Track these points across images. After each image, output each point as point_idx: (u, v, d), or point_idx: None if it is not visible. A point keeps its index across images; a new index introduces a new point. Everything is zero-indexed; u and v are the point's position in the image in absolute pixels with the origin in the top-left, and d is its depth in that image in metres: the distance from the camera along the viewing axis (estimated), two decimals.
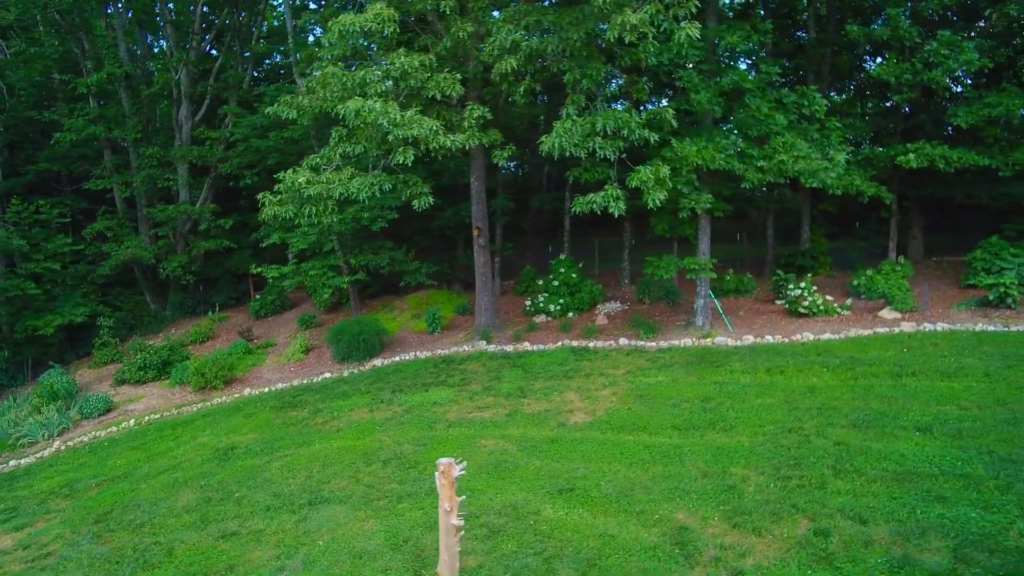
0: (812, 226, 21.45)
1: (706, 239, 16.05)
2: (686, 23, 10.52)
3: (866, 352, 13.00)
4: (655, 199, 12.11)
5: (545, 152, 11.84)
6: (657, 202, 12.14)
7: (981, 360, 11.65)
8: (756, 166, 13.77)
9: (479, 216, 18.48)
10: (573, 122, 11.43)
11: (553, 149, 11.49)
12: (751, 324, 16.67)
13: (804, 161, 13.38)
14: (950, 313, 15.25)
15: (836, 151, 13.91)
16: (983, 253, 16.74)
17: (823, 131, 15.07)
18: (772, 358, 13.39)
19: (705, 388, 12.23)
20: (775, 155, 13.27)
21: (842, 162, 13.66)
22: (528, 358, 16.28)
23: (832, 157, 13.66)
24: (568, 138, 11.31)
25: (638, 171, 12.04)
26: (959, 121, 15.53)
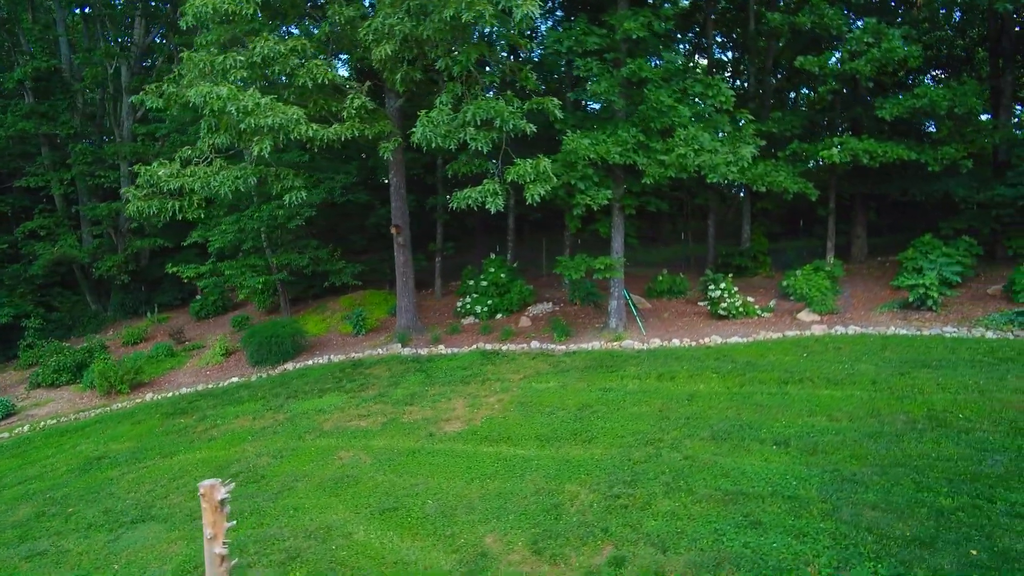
0: (753, 225, 20.73)
1: (619, 237, 15.37)
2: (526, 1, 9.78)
3: (765, 357, 12.31)
4: (535, 194, 11.43)
5: (415, 143, 11.17)
6: (536, 198, 11.46)
7: (875, 367, 10.94)
8: (658, 160, 13.08)
9: (398, 214, 17.84)
10: (439, 112, 10.74)
11: (422, 141, 10.81)
12: (670, 326, 16.00)
13: (707, 155, 12.68)
14: (870, 316, 14.54)
15: (743, 145, 13.20)
16: (914, 252, 16.01)
17: (735, 124, 14.37)
18: (669, 363, 12.71)
19: (589, 395, 11.56)
20: (676, 149, 12.57)
21: (747, 157, 12.95)
22: (436, 362, 15.65)
23: (738, 151, 12.95)
24: (434, 129, 10.63)
25: (516, 164, 11.35)
26: (884, 114, 14.79)
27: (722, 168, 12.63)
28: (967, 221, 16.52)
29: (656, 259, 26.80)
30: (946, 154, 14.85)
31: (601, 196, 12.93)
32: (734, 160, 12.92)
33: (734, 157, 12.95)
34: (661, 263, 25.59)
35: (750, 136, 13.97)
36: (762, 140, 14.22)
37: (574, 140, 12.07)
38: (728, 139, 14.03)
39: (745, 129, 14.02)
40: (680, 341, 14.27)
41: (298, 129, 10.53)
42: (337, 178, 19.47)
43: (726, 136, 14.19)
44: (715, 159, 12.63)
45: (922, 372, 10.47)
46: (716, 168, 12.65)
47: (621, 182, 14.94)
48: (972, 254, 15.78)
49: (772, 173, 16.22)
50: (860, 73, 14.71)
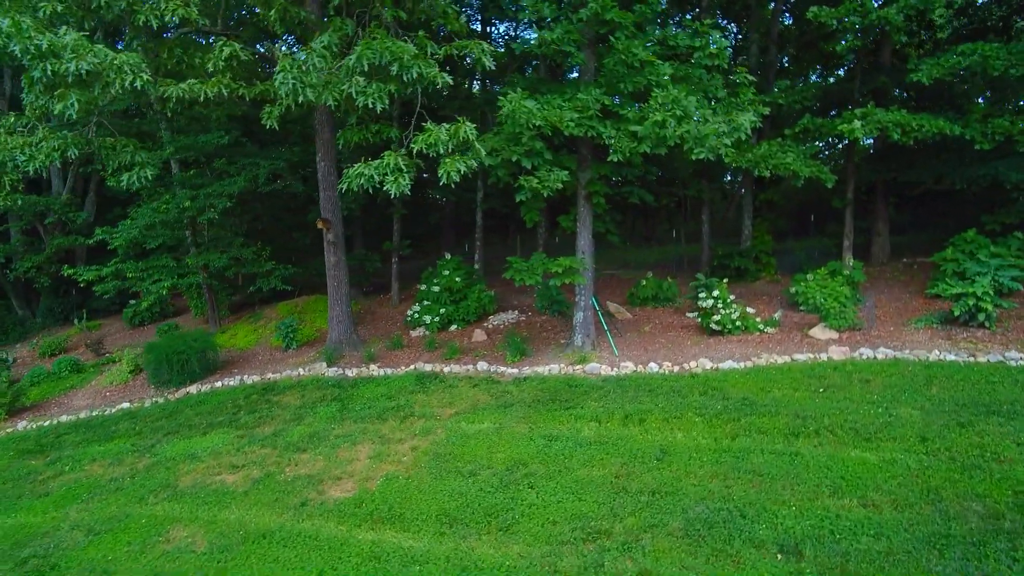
0: (755, 220, 17.60)
1: (586, 233, 12.30)
2: None
3: (767, 391, 9.23)
4: (451, 172, 8.42)
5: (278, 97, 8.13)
6: (455, 176, 8.46)
7: (922, 411, 7.85)
8: (629, 132, 10.02)
9: (328, 205, 14.83)
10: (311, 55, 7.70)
11: (286, 95, 7.80)
12: (651, 344, 12.92)
13: (692, 124, 9.61)
14: (903, 334, 11.41)
15: (740, 112, 10.12)
16: (955, 253, 12.87)
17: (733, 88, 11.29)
18: (641, 397, 9.65)
19: (528, 446, 8.52)
20: (651, 115, 9.52)
21: (746, 126, 9.88)
22: (361, 388, 12.65)
23: (734, 119, 9.88)
24: (302, 77, 7.59)
25: (428, 131, 8.32)
26: (921, 76, 11.66)
27: (711, 140, 9.56)
28: (1020, 213, 13.37)
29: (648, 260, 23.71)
30: (999, 127, 11.69)
31: (554, 179, 9.89)
32: (728, 131, 9.84)
33: (727, 127, 9.87)
34: (652, 264, 22.49)
35: (749, 102, 10.88)
36: (764, 108, 11.13)
37: (514, 102, 9.05)
38: (722, 106, 10.94)
39: (743, 93, 10.92)
40: (659, 365, 11.19)
41: (121, 77, 7.54)
42: (262, 164, 16.51)
43: (720, 103, 11.10)
44: (703, 129, 9.55)
45: (990, 422, 7.37)
46: (704, 140, 9.58)
47: (588, 163, 11.88)
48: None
49: (778, 154, 13.13)
50: (890, 24, 11.58)
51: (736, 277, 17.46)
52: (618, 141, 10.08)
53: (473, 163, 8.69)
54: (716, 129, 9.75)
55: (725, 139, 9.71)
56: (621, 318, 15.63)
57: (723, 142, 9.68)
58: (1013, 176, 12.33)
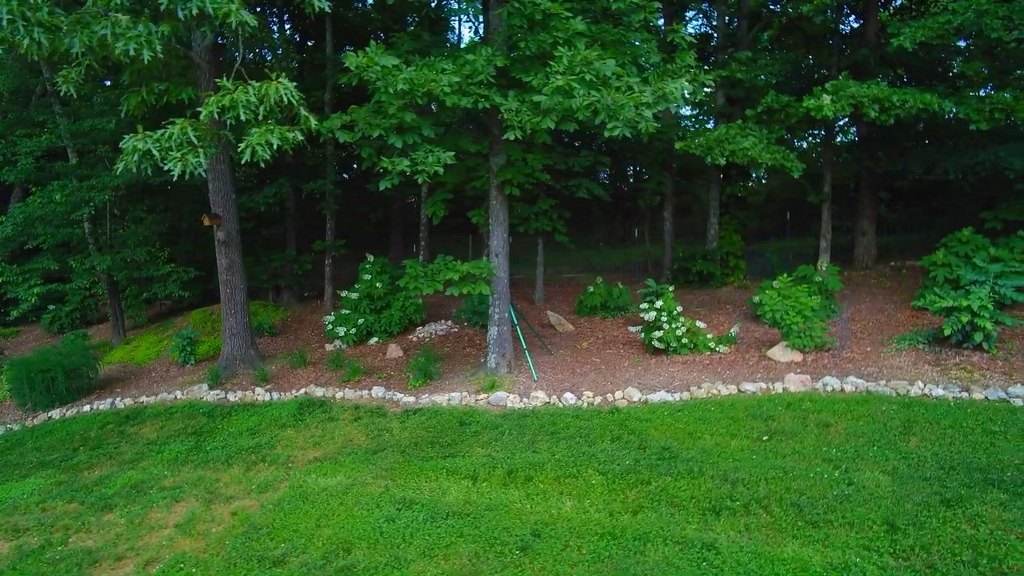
0: (722, 218, 15.44)
1: (500, 232, 10.13)
2: None
3: (697, 438, 7.10)
4: (259, 147, 6.25)
5: None
6: (264, 154, 6.31)
7: (893, 478, 5.72)
8: (532, 103, 7.87)
9: (218, 199, 12.72)
10: None
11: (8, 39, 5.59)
12: (581, 365, 10.78)
13: (609, 93, 7.46)
14: (881, 356, 9.25)
15: (670, 80, 7.97)
16: (947, 256, 10.71)
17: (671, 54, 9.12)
18: (539, 442, 7.51)
19: (369, 517, 6.38)
20: (553, 80, 7.38)
21: (676, 95, 7.74)
22: (232, 419, 10.53)
23: (660, 88, 7.74)
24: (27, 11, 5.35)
25: (224, 90, 6.10)
26: (903, 41, 9.50)
27: (627, 112, 7.40)
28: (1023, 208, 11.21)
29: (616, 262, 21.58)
30: (1000, 102, 9.54)
31: (432, 162, 7.68)
32: (652, 102, 7.68)
33: (653, 98, 7.71)
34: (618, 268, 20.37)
35: (687, 68, 8.71)
36: (707, 76, 8.96)
37: (366, 58, 6.86)
38: (655, 74, 8.78)
39: (680, 58, 8.76)
40: (578, 395, 9.04)
41: None
42: None
43: (655, 70, 8.94)
44: (618, 98, 7.40)
45: (988, 500, 5.23)
46: (618, 112, 7.42)
47: (499, 144, 9.70)
48: None
49: (736, 139, 11.00)
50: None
51: (700, 283, 15.34)
52: (516, 115, 7.92)
53: (296, 136, 6.55)
54: (636, 98, 7.58)
55: (646, 111, 7.54)
56: (562, 331, 13.50)
57: (643, 114, 7.51)
58: (1017, 163, 10.17)
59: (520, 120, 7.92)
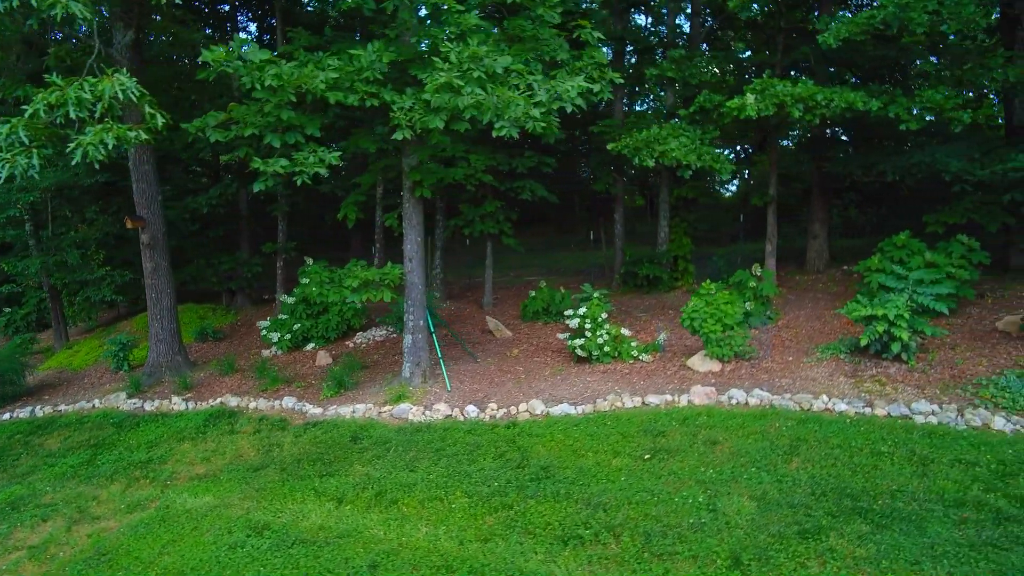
0: (672, 220, 15.02)
1: (414, 235, 9.73)
2: None
3: (580, 456, 6.73)
4: (91, 148, 5.86)
5: None
6: (96, 154, 5.92)
7: (759, 504, 5.34)
8: (423, 101, 7.44)
9: (143, 200, 12.37)
10: None
11: None
12: (503, 374, 10.40)
13: (488, 90, 7.04)
14: (800, 367, 8.85)
15: (569, 77, 7.57)
16: (882, 261, 10.30)
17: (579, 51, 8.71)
18: (420, 460, 7.14)
19: (215, 544, 6.02)
20: (435, 78, 6.97)
21: (572, 94, 7.34)
22: (139, 429, 10.20)
23: (556, 86, 7.34)
24: None
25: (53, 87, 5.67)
26: (828, 38, 9.09)
27: (513, 111, 7.01)
28: (965, 212, 10.78)
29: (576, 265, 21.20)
30: (929, 101, 9.12)
31: (313, 163, 7.29)
32: (546, 100, 7.29)
33: (547, 96, 7.32)
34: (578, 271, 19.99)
35: (595, 66, 8.31)
36: (615, 74, 8.55)
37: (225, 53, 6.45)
38: (565, 71, 8.37)
39: (588, 54, 8.35)
40: (481, 409, 8.66)
41: None
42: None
43: (562, 68, 8.53)
44: (510, 97, 7.00)
45: (848, 531, 4.85)
46: (505, 111, 7.04)
47: (409, 145, 9.28)
48: (973, 263, 10.08)
49: (665, 140, 10.61)
50: None
51: (648, 287, 14.95)
52: (407, 113, 7.53)
53: (140, 135, 6.19)
54: (527, 98, 7.20)
55: (535, 110, 7.14)
56: (500, 336, 13.13)
57: (532, 113, 7.12)
58: (953, 164, 9.74)
59: (410, 119, 7.54)
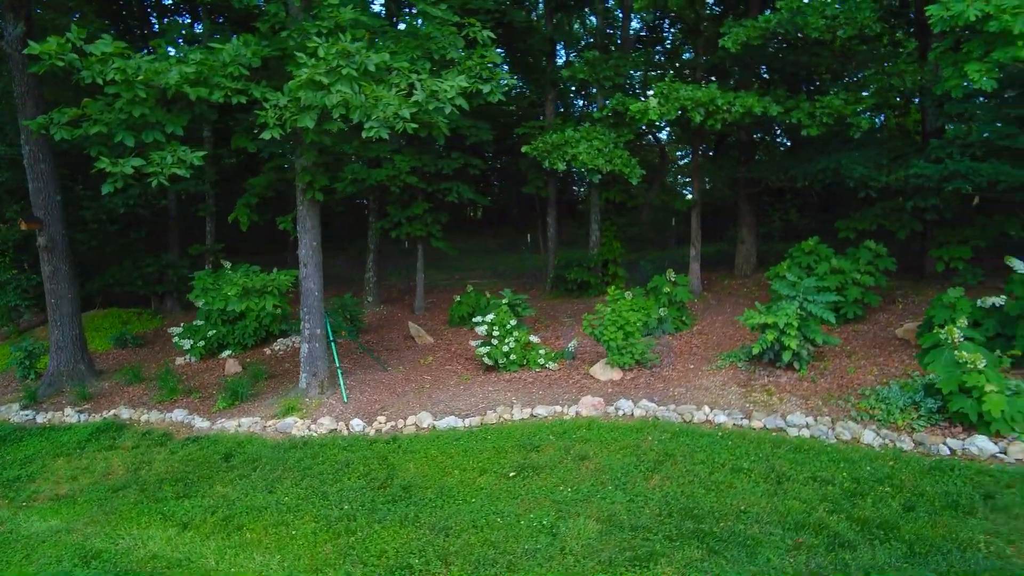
0: (603, 224, 14.87)
1: (309, 239, 9.35)
2: None
3: (447, 474, 6.47)
4: None
5: None
6: None
7: (602, 527, 5.12)
8: (296, 98, 7.07)
9: (40, 200, 11.75)
10: None
11: None
12: (409, 384, 10.08)
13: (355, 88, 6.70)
14: (699, 375, 8.71)
15: (449, 75, 7.28)
16: (790, 267, 10.24)
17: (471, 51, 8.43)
18: (284, 480, 6.79)
19: (45, 571, 5.59)
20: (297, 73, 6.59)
21: (450, 95, 7.05)
22: (22, 443, 9.64)
23: (430, 85, 7.03)
24: None
25: None
26: (727, 42, 8.97)
27: (380, 110, 6.70)
28: (876, 219, 10.79)
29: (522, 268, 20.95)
30: (829, 107, 9.06)
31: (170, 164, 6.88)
32: (423, 100, 6.99)
33: (423, 96, 7.02)
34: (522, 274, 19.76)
35: (483, 65, 8.03)
36: (502, 74, 8.29)
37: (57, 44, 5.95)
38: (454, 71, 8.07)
39: (480, 52, 8.07)
40: (369, 422, 8.34)
41: None
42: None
43: (454, 67, 8.24)
44: (381, 96, 6.68)
45: (679, 556, 4.67)
46: (373, 110, 6.70)
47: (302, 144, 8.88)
48: (880, 269, 10.08)
49: (577, 143, 10.40)
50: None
51: (578, 291, 14.78)
52: (274, 111, 7.17)
53: None
54: (398, 97, 6.89)
55: (405, 110, 6.83)
56: (421, 343, 12.81)
57: (402, 113, 6.81)
58: (857, 171, 9.71)
59: (280, 116, 7.18)
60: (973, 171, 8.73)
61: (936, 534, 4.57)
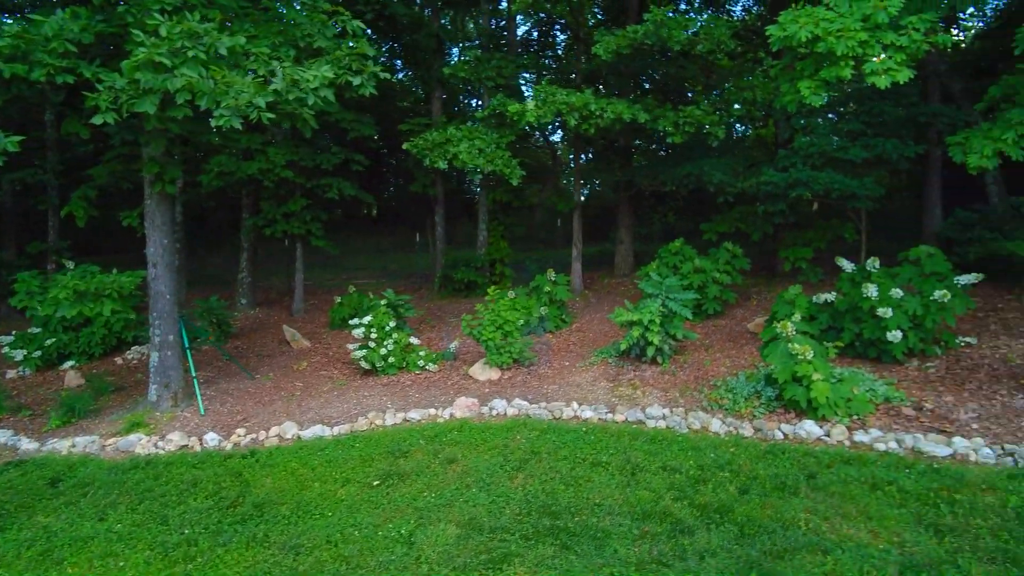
0: (491, 224, 14.92)
1: (159, 237, 8.46)
2: None
3: (306, 487, 6.11)
4: None
5: None
6: None
7: (461, 531, 5.06)
8: (135, 80, 6.35)
9: None
10: None
11: None
12: (278, 392, 9.47)
13: (202, 72, 6.15)
14: (573, 372, 8.96)
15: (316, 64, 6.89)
16: (659, 267, 10.83)
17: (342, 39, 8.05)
18: (117, 506, 6.08)
19: None
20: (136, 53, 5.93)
21: (313, 84, 6.67)
22: None
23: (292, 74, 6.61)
24: None
25: None
26: (598, 50, 9.28)
27: (231, 98, 6.19)
28: (733, 222, 11.70)
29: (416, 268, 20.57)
30: (691, 117, 9.66)
31: None
32: (283, 89, 6.55)
33: (283, 85, 6.58)
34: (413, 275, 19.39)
35: (355, 58, 7.69)
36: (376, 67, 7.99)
37: None
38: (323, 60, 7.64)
39: (346, 44, 7.72)
40: (225, 437, 7.71)
41: None
42: None
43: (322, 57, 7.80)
44: (232, 81, 6.16)
45: (532, 555, 4.71)
46: (223, 97, 6.18)
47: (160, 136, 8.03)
48: (736, 268, 10.91)
49: (458, 142, 10.30)
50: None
51: (467, 291, 14.72)
52: (108, 93, 6.39)
53: None
54: (254, 84, 6.40)
55: (260, 98, 6.37)
56: (297, 347, 12.14)
57: (256, 102, 6.34)
58: (716, 177, 10.46)
59: (115, 99, 6.41)
60: (813, 179, 9.68)
61: (764, 515, 4.96)
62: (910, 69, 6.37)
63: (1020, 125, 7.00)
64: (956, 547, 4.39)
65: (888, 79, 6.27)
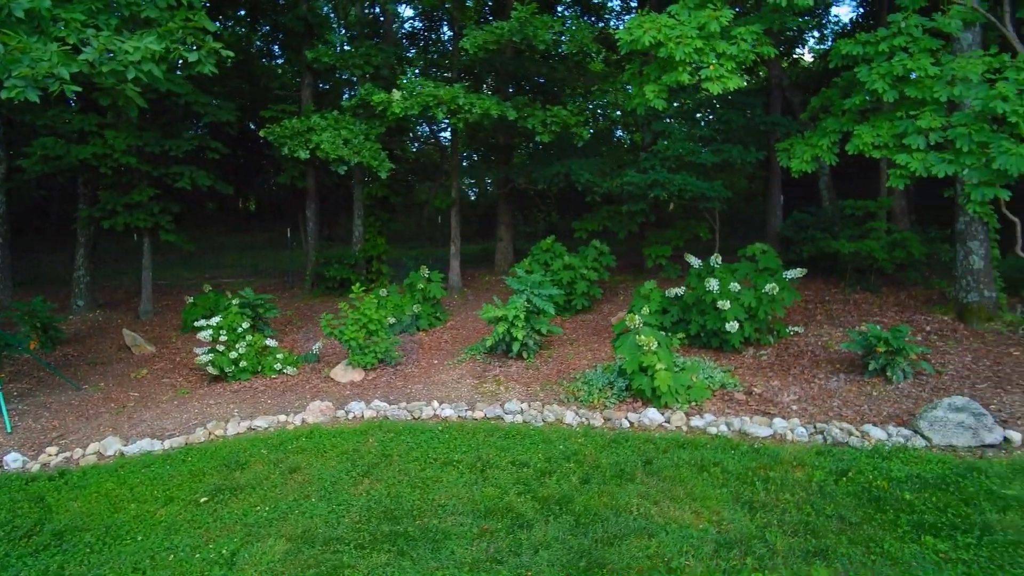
0: (367, 220, 14.39)
1: None
2: None
3: (121, 508, 5.43)
4: None
5: None
6: None
7: (291, 545, 4.75)
8: None
9: None
10: None
11: None
12: (108, 404, 8.43)
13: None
14: (440, 370, 8.81)
15: (137, 36, 6.16)
16: (532, 264, 10.97)
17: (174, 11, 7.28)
18: None
19: None
20: None
21: (132, 57, 5.95)
22: None
23: (110, 45, 5.85)
24: None
25: None
26: (466, 43, 9.18)
27: (18, 65, 5.34)
28: (601, 220, 12.15)
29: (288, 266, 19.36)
30: (557, 116, 9.84)
31: None
32: (95, 60, 5.76)
33: (95, 55, 5.78)
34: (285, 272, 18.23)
35: (191, 31, 6.96)
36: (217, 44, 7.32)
37: None
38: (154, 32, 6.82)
39: (183, 16, 6.98)
40: (32, 457, 6.71)
41: None
42: None
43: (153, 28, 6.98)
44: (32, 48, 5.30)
45: (363, 565, 4.44)
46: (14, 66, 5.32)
47: None
48: (604, 265, 11.32)
49: (322, 131, 9.74)
50: None
51: (340, 289, 14.04)
52: None
53: None
54: (58, 52, 5.57)
55: (63, 69, 5.56)
56: (139, 353, 10.95)
57: (58, 72, 5.52)
58: (583, 177, 10.79)
59: None
60: (668, 181, 10.25)
61: (601, 503, 5.08)
62: (740, 77, 6.87)
63: (834, 133, 7.82)
64: (765, 522, 4.75)
65: (720, 85, 6.71)
